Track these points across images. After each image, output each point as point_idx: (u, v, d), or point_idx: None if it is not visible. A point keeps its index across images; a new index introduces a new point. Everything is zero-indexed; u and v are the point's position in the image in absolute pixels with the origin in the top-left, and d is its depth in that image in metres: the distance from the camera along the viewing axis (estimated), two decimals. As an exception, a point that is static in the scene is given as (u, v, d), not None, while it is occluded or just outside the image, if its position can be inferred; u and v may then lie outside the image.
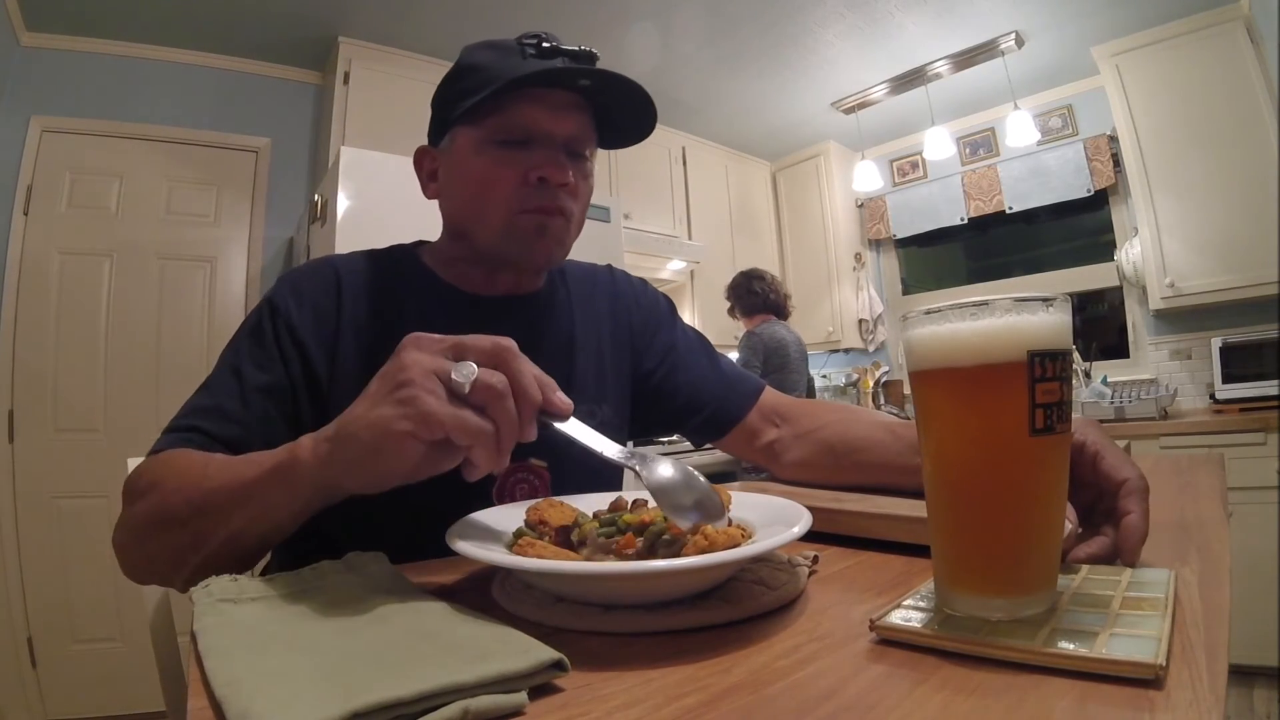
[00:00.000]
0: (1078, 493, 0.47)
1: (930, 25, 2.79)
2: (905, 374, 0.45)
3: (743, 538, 0.44)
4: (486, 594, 0.46)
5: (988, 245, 3.77)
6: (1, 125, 2.30)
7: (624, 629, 0.39)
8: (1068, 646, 0.30)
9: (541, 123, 0.70)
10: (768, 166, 4.15)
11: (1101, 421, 2.61)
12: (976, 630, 0.33)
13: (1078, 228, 3.40)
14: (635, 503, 0.53)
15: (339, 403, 0.56)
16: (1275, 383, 2.46)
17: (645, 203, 3.38)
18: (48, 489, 2.27)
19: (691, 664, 0.33)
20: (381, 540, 0.51)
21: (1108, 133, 3.08)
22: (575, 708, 0.29)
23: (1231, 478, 1.00)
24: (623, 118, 0.75)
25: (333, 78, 2.63)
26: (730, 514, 0.49)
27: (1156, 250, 2.75)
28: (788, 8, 2.62)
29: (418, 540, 0.54)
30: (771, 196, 4.15)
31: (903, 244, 4.00)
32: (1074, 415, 0.37)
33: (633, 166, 3.32)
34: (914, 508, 0.54)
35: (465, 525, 0.49)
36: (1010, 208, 3.44)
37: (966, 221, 3.61)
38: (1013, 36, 2.85)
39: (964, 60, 3.04)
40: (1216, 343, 2.68)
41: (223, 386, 0.67)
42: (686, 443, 2.76)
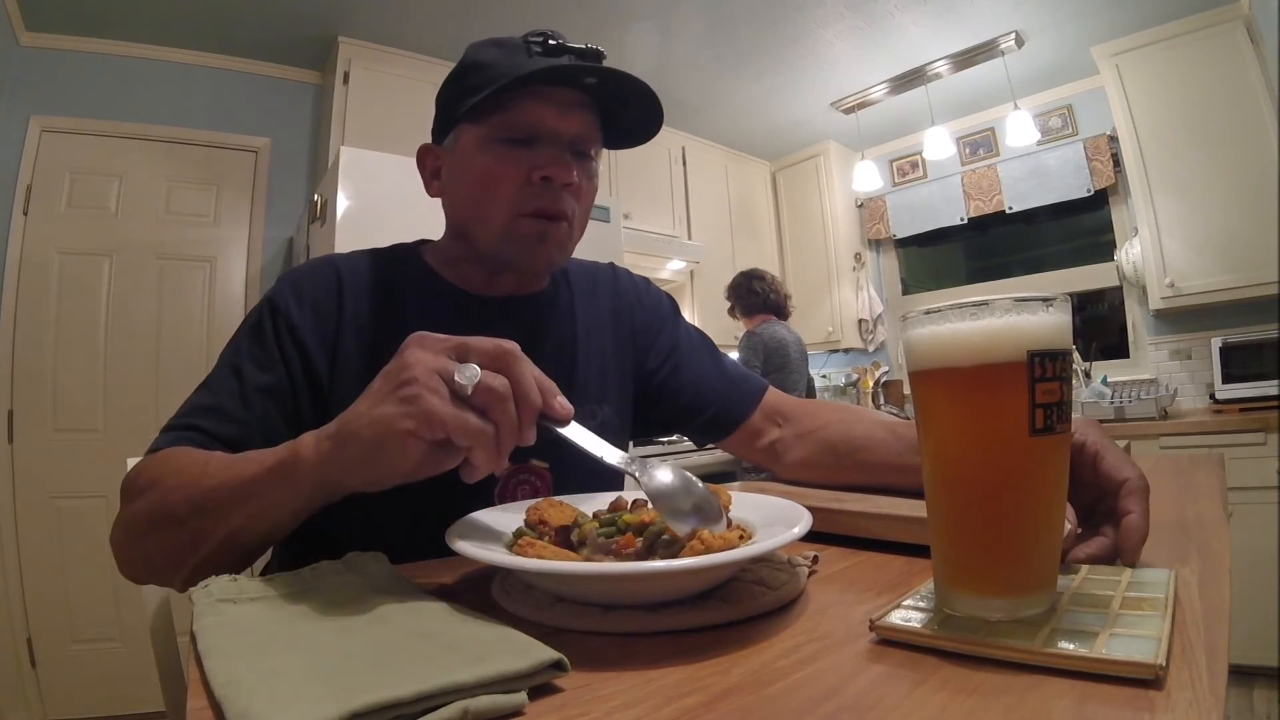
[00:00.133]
0: (1078, 493, 0.47)
1: (930, 25, 2.79)
2: (905, 374, 0.45)
3: (741, 540, 0.44)
4: (486, 594, 0.46)
5: (988, 245, 3.77)
6: (1, 125, 2.30)
7: (624, 629, 0.39)
8: (1067, 646, 0.30)
9: (547, 121, 0.69)
10: (767, 166, 4.14)
11: (1101, 421, 2.61)
12: (976, 630, 0.33)
13: (1077, 228, 3.40)
14: (635, 503, 0.53)
15: (340, 402, 0.56)
16: (1275, 383, 2.46)
17: (645, 203, 3.38)
18: (47, 489, 2.27)
19: (691, 664, 0.33)
20: (381, 540, 0.51)
21: (1108, 133, 3.08)
22: (575, 708, 0.29)
23: (1231, 478, 1.00)
24: (629, 118, 0.74)
25: (332, 77, 2.63)
26: (730, 514, 0.49)
27: (1156, 250, 2.75)
28: (788, 8, 2.62)
29: (418, 540, 0.54)
30: (771, 196, 4.14)
31: (902, 244, 4.00)
32: (1074, 415, 0.37)
33: (633, 166, 3.32)
34: (914, 508, 0.54)
35: (465, 525, 0.49)
36: (1010, 208, 3.44)
37: (966, 221, 3.61)
38: (1013, 36, 2.85)
39: (964, 60, 3.04)
40: (1216, 343, 2.68)
41: (223, 386, 0.66)
42: (687, 442, 2.76)
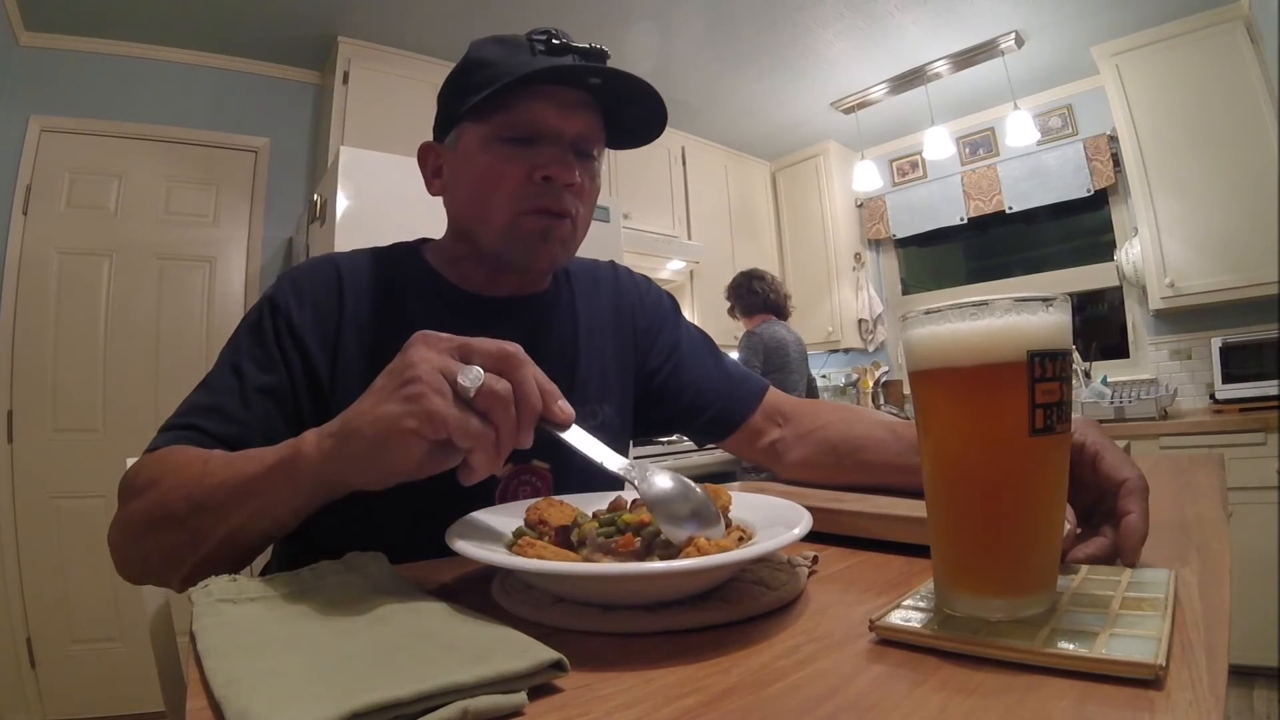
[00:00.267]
0: (1078, 493, 0.47)
1: (930, 25, 2.79)
2: (905, 374, 0.45)
3: (741, 541, 0.44)
4: (486, 594, 0.46)
5: (987, 245, 3.77)
6: (1, 125, 2.30)
7: (624, 629, 0.38)
8: (1067, 647, 0.30)
9: (550, 120, 0.69)
10: (767, 166, 4.14)
11: (1101, 421, 2.61)
12: (976, 630, 0.33)
13: (1077, 228, 3.40)
14: (635, 502, 0.53)
15: (340, 401, 0.56)
16: (1275, 383, 2.46)
17: (645, 203, 3.38)
18: (47, 489, 2.27)
19: (691, 664, 0.33)
20: (381, 540, 0.51)
21: (1107, 132, 3.08)
22: (575, 708, 0.29)
23: (1231, 478, 1.00)
24: (632, 118, 0.73)
25: (332, 77, 2.63)
26: (730, 515, 0.49)
27: (1156, 250, 2.75)
28: (788, 8, 2.62)
29: (418, 540, 0.54)
30: (771, 196, 4.14)
31: (902, 244, 4.00)
32: (1074, 415, 0.37)
33: (632, 166, 3.32)
34: (914, 508, 0.54)
35: (465, 525, 0.49)
36: (1010, 208, 3.44)
37: (966, 221, 3.61)
38: (1012, 36, 2.85)
39: (964, 60, 3.04)
40: (1216, 343, 2.68)
41: (223, 385, 0.66)
42: (687, 442, 2.76)
